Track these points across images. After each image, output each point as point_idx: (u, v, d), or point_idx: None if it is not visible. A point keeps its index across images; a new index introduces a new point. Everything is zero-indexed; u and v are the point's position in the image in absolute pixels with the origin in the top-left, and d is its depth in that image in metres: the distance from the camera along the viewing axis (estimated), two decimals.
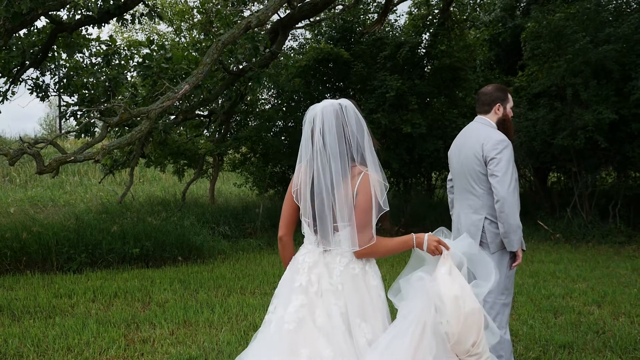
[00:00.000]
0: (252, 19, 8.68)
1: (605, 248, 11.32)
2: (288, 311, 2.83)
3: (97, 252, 9.61)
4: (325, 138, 2.90)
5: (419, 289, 2.85)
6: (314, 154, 2.92)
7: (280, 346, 2.76)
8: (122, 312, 6.73)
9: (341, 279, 2.84)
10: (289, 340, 2.76)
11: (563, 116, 12.09)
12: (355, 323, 2.80)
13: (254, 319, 6.37)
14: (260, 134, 13.40)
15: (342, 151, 2.89)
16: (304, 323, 2.80)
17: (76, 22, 10.04)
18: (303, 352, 2.72)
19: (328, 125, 2.91)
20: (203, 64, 8.48)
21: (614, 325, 5.96)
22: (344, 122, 2.92)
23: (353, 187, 2.87)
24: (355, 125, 2.94)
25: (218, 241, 11.26)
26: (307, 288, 2.86)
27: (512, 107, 4.34)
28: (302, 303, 2.83)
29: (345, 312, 2.81)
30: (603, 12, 12.43)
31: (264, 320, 2.97)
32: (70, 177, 20.47)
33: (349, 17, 14.76)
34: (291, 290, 2.89)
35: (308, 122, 2.98)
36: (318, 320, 2.79)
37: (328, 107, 2.96)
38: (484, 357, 2.86)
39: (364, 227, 2.86)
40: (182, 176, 15.70)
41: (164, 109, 8.19)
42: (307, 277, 2.88)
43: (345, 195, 2.86)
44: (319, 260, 2.91)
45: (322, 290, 2.85)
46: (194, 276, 8.82)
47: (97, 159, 7.64)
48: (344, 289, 2.84)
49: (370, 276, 2.92)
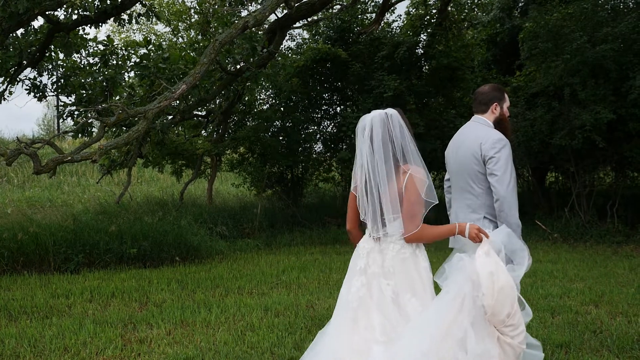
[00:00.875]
0: (249, 19, 8.67)
1: (603, 248, 11.32)
2: (351, 291, 3.46)
3: (95, 253, 9.59)
4: (374, 143, 3.43)
5: (459, 268, 3.32)
6: (365, 157, 3.44)
7: (348, 317, 3.40)
8: (119, 312, 6.71)
9: (392, 263, 3.39)
10: (352, 313, 3.40)
11: (561, 116, 12.09)
12: (405, 298, 3.34)
13: (251, 319, 6.36)
14: (258, 134, 13.38)
15: (387, 154, 3.41)
16: (364, 300, 3.41)
17: (73, 22, 10.02)
18: (361, 323, 3.36)
19: (376, 132, 3.43)
20: (200, 64, 8.47)
21: (611, 325, 5.96)
22: (390, 128, 3.44)
23: (401, 184, 3.39)
24: (399, 131, 3.46)
25: (216, 241, 11.24)
26: (365, 270, 3.46)
27: (508, 106, 4.33)
28: (362, 283, 3.44)
29: (396, 290, 3.36)
30: (600, 11, 12.44)
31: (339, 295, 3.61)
32: (68, 178, 20.44)
33: (346, 17, 14.75)
34: (354, 273, 3.51)
35: (360, 130, 3.50)
36: (374, 297, 3.39)
37: (376, 116, 3.47)
38: (519, 330, 3.25)
39: (412, 217, 3.35)
40: (180, 176, 15.69)
41: (161, 109, 8.18)
42: (365, 261, 3.47)
43: (393, 191, 3.39)
44: (374, 247, 3.47)
45: (377, 273, 3.42)
46: (191, 276, 8.81)
47: (94, 159, 7.62)
48: (395, 271, 3.38)
49: (420, 259, 3.44)
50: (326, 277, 8.74)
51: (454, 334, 3.13)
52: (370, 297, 3.39)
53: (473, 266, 3.25)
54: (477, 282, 3.20)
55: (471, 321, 3.17)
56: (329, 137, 15.20)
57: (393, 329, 3.28)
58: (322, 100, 15.27)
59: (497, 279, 3.18)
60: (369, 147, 3.43)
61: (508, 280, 3.21)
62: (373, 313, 3.34)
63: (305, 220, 14.14)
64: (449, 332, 3.13)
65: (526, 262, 3.39)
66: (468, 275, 3.23)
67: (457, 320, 3.15)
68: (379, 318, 3.32)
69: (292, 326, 6.07)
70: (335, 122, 15.17)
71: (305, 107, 14.98)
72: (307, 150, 14.97)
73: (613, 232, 12.08)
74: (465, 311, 3.17)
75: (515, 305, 3.24)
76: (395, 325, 3.29)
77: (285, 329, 5.98)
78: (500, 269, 3.22)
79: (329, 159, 15.39)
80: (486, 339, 3.19)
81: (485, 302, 3.17)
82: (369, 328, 3.32)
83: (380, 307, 3.35)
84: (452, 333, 3.13)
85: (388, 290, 3.36)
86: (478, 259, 3.26)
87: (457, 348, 3.11)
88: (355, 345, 3.32)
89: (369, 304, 3.38)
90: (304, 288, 8.03)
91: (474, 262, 3.26)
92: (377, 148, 3.41)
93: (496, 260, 3.27)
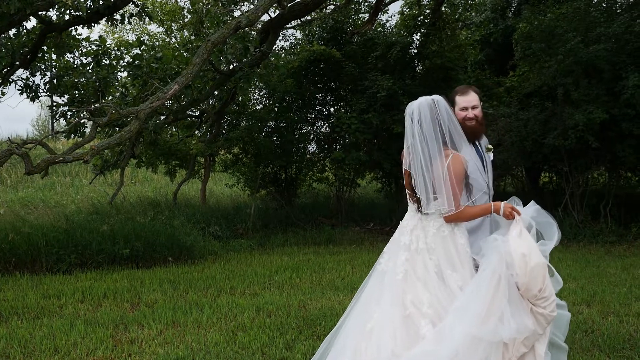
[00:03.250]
0: (241, 19, 8.65)
1: (596, 247, 11.34)
2: (397, 264, 3.68)
3: (87, 253, 9.56)
4: (422, 126, 3.66)
5: (494, 248, 3.56)
6: (414, 139, 3.68)
7: (394, 291, 3.62)
8: (111, 313, 6.69)
9: (433, 239, 3.64)
10: (398, 287, 3.61)
11: (554, 116, 12.09)
12: (447, 273, 3.58)
13: (242, 319, 6.35)
14: (252, 134, 13.36)
15: (436, 136, 3.64)
16: (408, 274, 3.62)
17: (65, 23, 9.97)
18: (407, 297, 3.56)
19: (424, 116, 3.67)
20: (193, 64, 8.45)
21: (603, 325, 5.97)
22: (437, 113, 3.67)
23: (443, 165, 3.61)
24: (446, 115, 3.68)
25: (209, 241, 11.23)
26: (409, 246, 3.69)
27: (462, 107, 4.17)
28: (406, 258, 3.66)
29: (438, 265, 3.60)
30: (594, 11, 12.46)
31: (377, 270, 3.84)
32: (61, 178, 20.37)
33: (340, 18, 14.74)
34: (399, 247, 3.74)
35: (408, 114, 3.74)
36: (418, 272, 3.61)
37: (423, 102, 3.72)
38: (550, 300, 3.52)
39: (452, 197, 3.59)
40: (173, 177, 15.64)
41: (154, 109, 8.15)
42: (409, 237, 3.72)
43: (438, 172, 3.62)
44: (417, 224, 3.73)
45: (420, 248, 3.66)
46: (184, 276, 8.78)
47: (86, 160, 7.60)
48: (436, 248, 3.63)
49: (458, 236, 3.67)
50: (319, 277, 8.72)
51: (494, 311, 3.41)
52: (414, 273, 3.63)
53: (507, 247, 3.50)
54: (510, 263, 3.46)
55: (507, 298, 3.45)
56: (322, 138, 15.18)
57: (439, 302, 3.52)
58: (316, 100, 15.25)
59: (529, 259, 3.44)
60: (418, 128, 3.68)
61: (539, 259, 3.48)
62: (419, 289, 3.58)
63: (299, 220, 14.13)
64: (490, 310, 3.41)
65: (556, 236, 3.66)
66: (502, 256, 3.49)
67: (496, 298, 3.43)
68: (426, 294, 3.55)
69: (284, 326, 6.06)
70: (329, 122, 15.14)
71: (299, 108, 14.96)
72: (301, 151, 14.95)
73: (606, 232, 12.09)
74: (501, 289, 3.44)
75: (546, 280, 3.52)
76: (441, 299, 3.54)
77: (277, 329, 5.97)
78: (532, 250, 3.49)
79: (322, 159, 15.37)
80: (522, 313, 3.47)
81: (518, 280, 3.46)
82: (417, 302, 3.54)
83: (426, 284, 3.58)
84: (493, 310, 3.41)
85: (431, 265, 3.60)
86: (511, 240, 3.52)
87: (498, 323, 3.39)
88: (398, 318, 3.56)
89: (413, 279, 3.61)
90: (297, 288, 8.01)
91: (508, 244, 3.51)
92: (426, 130, 3.65)
93: (528, 240, 3.53)
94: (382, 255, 3.88)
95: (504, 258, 3.49)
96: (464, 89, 4.25)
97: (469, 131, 4.05)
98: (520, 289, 3.49)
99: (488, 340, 3.37)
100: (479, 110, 4.18)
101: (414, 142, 3.69)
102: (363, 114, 13.19)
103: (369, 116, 12.93)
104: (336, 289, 7.85)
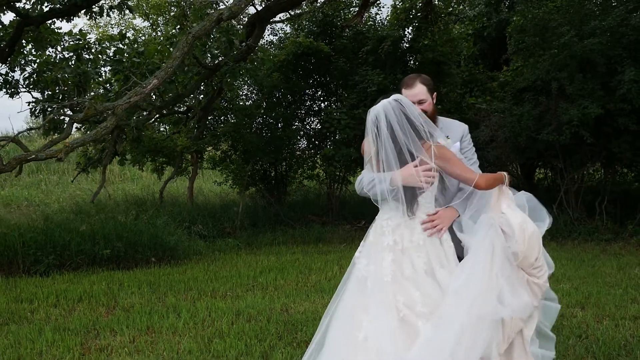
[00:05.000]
0: (223, 11, 8.33)
1: (592, 246, 11.07)
2: (384, 266, 3.45)
3: (66, 254, 9.23)
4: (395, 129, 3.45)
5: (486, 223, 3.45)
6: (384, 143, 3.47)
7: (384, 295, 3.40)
8: (84, 318, 6.39)
9: (421, 236, 3.47)
10: (388, 290, 3.40)
11: (548, 111, 11.81)
12: (436, 270, 3.43)
13: (220, 324, 6.05)
14: (239, 130, 13.04)
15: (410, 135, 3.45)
16: (396, 276, 3.42)
17: (43, 15, 9.62)
18: (400, 299, 3.36)
19: (392, 118, 3.46)
20: (173, 58, 8.13)
21: (598, 329, 5.68)
22: (405, 111, 3.47)
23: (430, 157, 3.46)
24: (414, 110, 3.50)
25: (194, 241, 10.93)
26: (393, 247, 3.47)
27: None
28: (392, 259, 3.45)
29: (428, 262, 3.44)
30: (588, 4, 12.17)
31: (354, 276, 3.60)
32: (49, 176, 20.01)
33: (330, 11, 14.41)
34: (382, 249, 3.50)
35: (373, 122, 3.52)
36: (405, 272, 3.42)
37: (387, 105, 3.49)
38: (544, 270, 3.49)
39: (464, 173, 3.47)
40: (161, 174, 15.31)
41: (132, 105, 7.84)
42: (392, 237, 3.50)
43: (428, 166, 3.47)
44: (401, 223, 3.52)
45: (405, 247, 3.46)
46: (164, 278, 8.48)
47: (60, 157, 7.28)
48: (424, 245, 3.46)
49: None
50: (305, 278, 8.43)
51: (493, 288, 3.33)
52: (402, 274, 3.44)
53: (505, 219, 3.43)
54: (509, 233, 3.39)
55: (505, 274, 3.37)
56: (313, 134, 14.88)
57: (432, 300, 3.37)
58: (306, 96, 14.95)
59: (526, 227, 3.39)
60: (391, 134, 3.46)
61: (534, 227, 3.44)
62: (409, 289, 3.40)
63: (289, 218, 13.83)
64: (490, 287, 3.33)
65: (547, 220, 3.59)
66: (497, 230, 3.41)
67: (493, 274, 3.35)
68: (416, 293, 3.38)
69: (263, 332, 5.77)
70: (319, 118, 14.84)
71: (290, 103, 14.66)
72: (291, 147, 14.66)
73: (602, 230, 11.83)
74: (497, 266, 3.37)
75: (541, 249, 3.48)
76: (433, 296, 3.38)
77: (255, 335, 5.67)
78: (526, 219, 3.45)
79: (313, 155, 15.08)
80: (519, 289, 3.40)
81: (518, 249, 3.36)
82: (410, 303, 3.37)
83: (415, 283, 3.42)
84: (492, 288, 3.33)
85: (420, 262, 3.45)
86: (506, 212, 3.45)
87: (496, 302, 3.31)
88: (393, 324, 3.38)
89: (401, 281, 3.43)
90: (281, 290, 7.72)
91: (505, 216, 3.44)
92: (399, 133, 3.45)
93: (519, 212, 3.49)
94: (359, 260, 3.64)
95: (499, 231, 3.41)
96: (410, 81, 3.83)
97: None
98: (518, 259, 3.41)
99: (490, 319, 3.30)
100: (427, 104, 3.74)
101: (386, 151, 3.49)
102: (353, 110, 12.89)
103: (359, 112, 12.61)
104: (322, 291, 7.56)
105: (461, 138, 4.00)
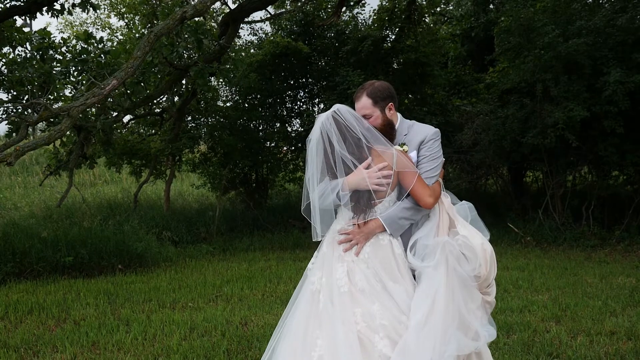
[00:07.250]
0: (187, 9, 7.95)
1: (577, 252, 10.72)
2: (337, 277, 3.26)
3: (26, 261, 8.85)
4: (334, 141, 3.30)
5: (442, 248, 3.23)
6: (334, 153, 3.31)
7: (340, 307, 3.18)
8: (28, 333, 6.02)
9: (370, 249, 3.29)
10: (345, 302, 3.19)
11: (533, 114, 11.46)
12: (389, 285, 3.24)
13: (171, 341, 5.67)
14: (216, 132, 12.65)
15: (355, 144, 3.30)
16: (351, 287, 3.24)
17: (1, 13, 9.21)
18: (357, 311, 3.17)
19: (334, 130, 3.31)
20: (133, 58, 7.75)
21: (570, 346, 5.32)
22: (343, 122, 3.31)
23: (384, 161, 3.29)
24: (354, 120, 3.31)
25: (165, 247, 10.54)
26: (344, 257, 3.30)
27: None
28: (345, 270, 3.27)
29: (377, 275, 3.25)
30: (574, 4, 11.82)
31: (308, 290, 3.34)
32: (29, 178, 19.57)
33: (310, 10, 14.03)
34: (333, 260, 3.33)
35: (315, 139, 3.35)
36: (359, 284, 3.23)
37: (324, 119, 3.36)
38: (494, 286, 3.40)
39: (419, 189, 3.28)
40: (139, 177, 14.90)
41: (88, 107, 7.46)
42: (343, 247, 3.33)
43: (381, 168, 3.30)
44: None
45: (355, 259, 3.29)
46: (125, 287, 8.10)
47: (10, 162, 6.90)
48: (372, 257, 3.28)
49: (395, 246, 3.33)
50: (272, 288, 8.07)
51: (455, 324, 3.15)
52: (355, 286, 3.26)
53: (467, 242, 3.25)
54: (471, 257, 3.24)
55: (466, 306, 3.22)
56: (294, 136, 14.51)
57: (391, 313, 3.17)
58: (288, 97, 14.57)
59: (486, 247, 3.28)
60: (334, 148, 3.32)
61: (490, 245, 3.33)
62: (365, 301, 3.21)
63: (268, 223, 13.45)
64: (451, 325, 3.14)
65: (486, 231, 3.44)
66: (452, 253, 3.24)
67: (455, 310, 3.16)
68: (373, 305, 3.19)
69: (214, 349, 5.41)
70: (302, 120, 14.47)
71: (271, 105, 14.29)
72: (272, 150, 14.28)
73: (588, 235, 11.48)
74: (457, 296, 3.19)
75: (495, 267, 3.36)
76: (392, 309, 3.18)
77: (205, 353, 5.31)
78: (483, 238, 3.33)
79: (295, 158, 14.71)
80: (478, 313, 3.27)
81: (481, 272, 3.23)
82: (367, 316, 3.17)
83: (370, 295, 3.22)
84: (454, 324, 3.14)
85: (370, 274, 3.26)
86: (467, 234, 3.29)
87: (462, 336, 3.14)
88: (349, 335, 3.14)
89: (356, 293, 3.24)
90: (244, 301, 7.35)
91: (466, 238, 3.27)
92: (337, 142, 3.31)
93: (474, 229, 3.37)
94: (312, 272, 3.43)
95: (455, 256, 3.24)
96: (358, 93, 3.55)
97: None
98: (480, 281, 3.26)
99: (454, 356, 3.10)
100: (373, 118, 3.44)
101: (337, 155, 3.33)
102: None
103: None
104: (287, 302, 7.17)
105: (419, 145, 3.49)
